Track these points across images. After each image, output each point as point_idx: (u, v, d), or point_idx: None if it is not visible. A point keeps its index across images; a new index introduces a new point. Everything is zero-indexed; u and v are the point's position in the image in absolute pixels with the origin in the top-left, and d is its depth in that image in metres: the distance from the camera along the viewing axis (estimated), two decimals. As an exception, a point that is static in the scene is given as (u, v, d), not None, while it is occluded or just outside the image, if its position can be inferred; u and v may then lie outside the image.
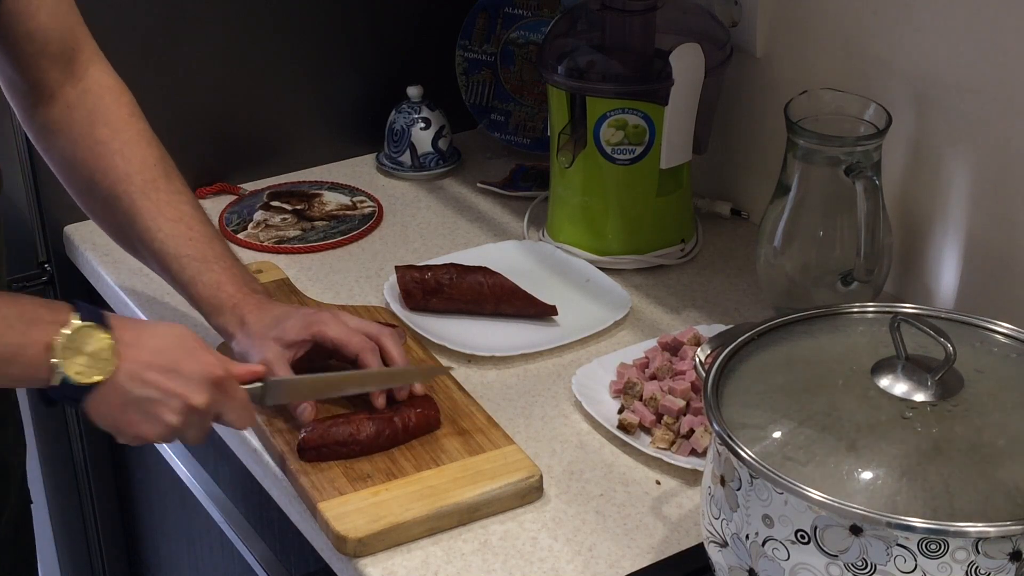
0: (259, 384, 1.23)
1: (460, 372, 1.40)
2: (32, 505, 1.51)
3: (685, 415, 1.28)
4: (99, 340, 1.12)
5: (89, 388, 1.12)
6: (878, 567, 0.91)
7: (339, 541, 1.16)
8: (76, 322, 1.12)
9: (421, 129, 1.80)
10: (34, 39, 1.30)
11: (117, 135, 1.34)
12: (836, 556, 0.92)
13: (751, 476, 0.96)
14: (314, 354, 1.31)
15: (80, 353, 1.11)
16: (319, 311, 1.32)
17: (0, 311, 1.11)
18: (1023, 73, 1.32)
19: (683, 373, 1.33)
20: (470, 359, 1.43)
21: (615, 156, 1.56)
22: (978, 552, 0.89)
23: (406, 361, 1.30)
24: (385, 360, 1.30)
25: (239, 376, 1.20)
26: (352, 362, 1.29)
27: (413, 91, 1.81)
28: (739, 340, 1.06)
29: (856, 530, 0.91)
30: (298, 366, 1.28)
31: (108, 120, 1.34)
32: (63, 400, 1.14)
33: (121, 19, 1.63)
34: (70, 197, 1.68)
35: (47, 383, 1.12)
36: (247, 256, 1.62)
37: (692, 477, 1.25)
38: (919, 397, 0.98)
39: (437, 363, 1.39)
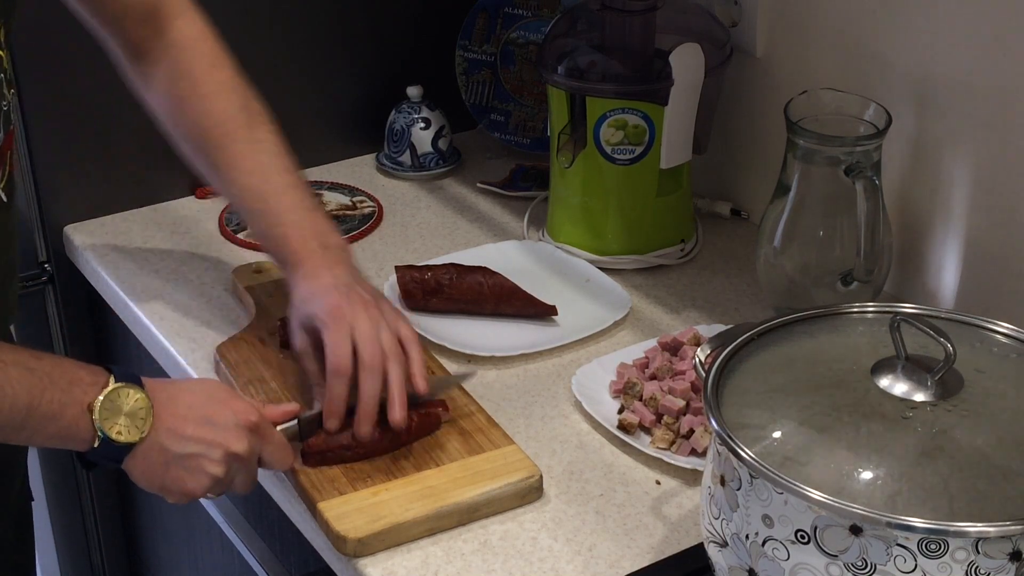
0: (294, 422, 1.23)
1: (460, 372, 1.40)
2: (32, 504, 1.51)
3: (685, 415, 1.28)
4: (135, 399, 1.12)
5: (129, 448, 1.13)
6: (878, 567, 0.91)
7: (339, 541, 1.16)
8: (113, 382, 1.12)
9: (421, 129, 1.80)
10: (117, 2, 1.32)
11: (196, 88, 1.34)
12: (836, 556, 0.92)
13: (751, 476, 0.96)
14: None
15: (119, 413, 1.12)
16: (349, 302, 1.25)
17: (43, 369, 1.11)
18: (1023, 73, 1.32)
19: (683, 373, 1.33)
20: (470, 359, 1.43)
21: (615, 156, 1.56)
22: (978, 552, 0.89)
23: (402, 391, 1.24)
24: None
25: (273, 418, 1.21)
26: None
27: (413, 91, 1.81)
28: (739, 340, 1.06)
29: (856, 530, 0.91)
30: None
31: (189, 73, 1.35)
32: (103, 461, 1.14)
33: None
34: (70, 197, 1.69)
35: (87, 444, 1.12)
36: (247, 256, 1.62)
37: (692, 477, 1.25)
38: (919, 397, 0.98)
39: (438, 364, 1.38)
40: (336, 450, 1.22)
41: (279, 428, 1.21)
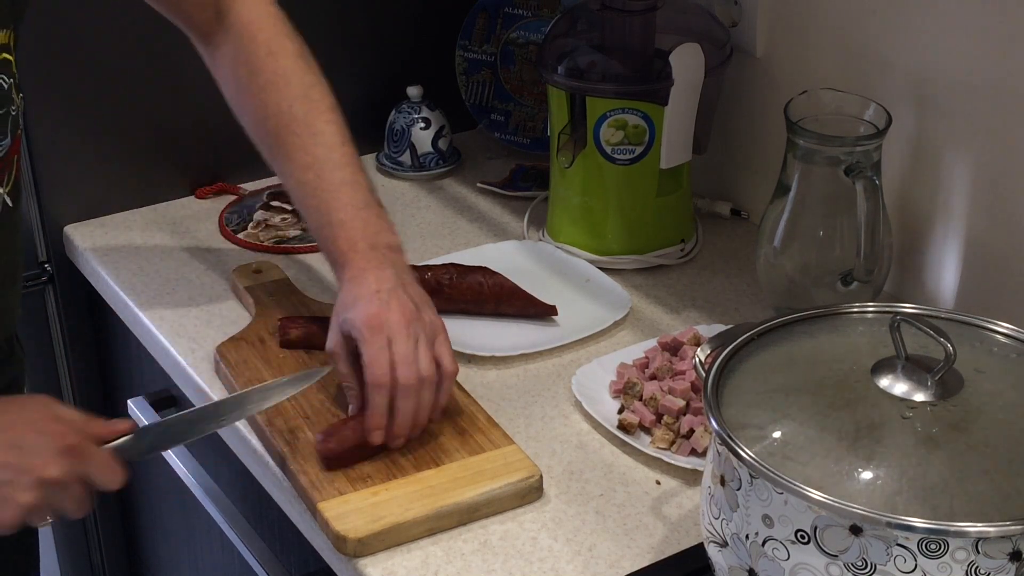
0: (127, 437, 1.16)
1: (460, 372, 1.39)
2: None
3: (685, 415, 1.28)
4: None
5: None
6: (878, 567, 0.91)
7: (339, 541, 1.16)
8: None
9: (421, 129, 1.80)
10: None
11: (254, 77, 1.32)
12: (836, 556, 0.92)
13: (751, 476, 0.96)
14: None
15: None
16: (388, 313, 1.22)
17: None
18: (1023, 73, 1.32)
19: (683, 373, 1.33)
20: (470, 359, 1.43)
21: (615, 156, 1.56)
22: (978, 552, 0.89)
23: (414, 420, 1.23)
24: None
25: (103, 435, 1.13)
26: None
27: (413, 91, 1.81)
28: (739, 340, 1.06)
29: (856, 530, 0.91)
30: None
31: (246, 61, 1.32)
32: None
33: (122, 17, 1.63)
34: (70, 197, 1.69)
35: None
36: (247, 256, 1.62)
37: (692, 477, 1.25)
38: (919, 397, 0.98)
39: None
40: (352, 449, 1.22)
41: (109, 445, 1.14)
